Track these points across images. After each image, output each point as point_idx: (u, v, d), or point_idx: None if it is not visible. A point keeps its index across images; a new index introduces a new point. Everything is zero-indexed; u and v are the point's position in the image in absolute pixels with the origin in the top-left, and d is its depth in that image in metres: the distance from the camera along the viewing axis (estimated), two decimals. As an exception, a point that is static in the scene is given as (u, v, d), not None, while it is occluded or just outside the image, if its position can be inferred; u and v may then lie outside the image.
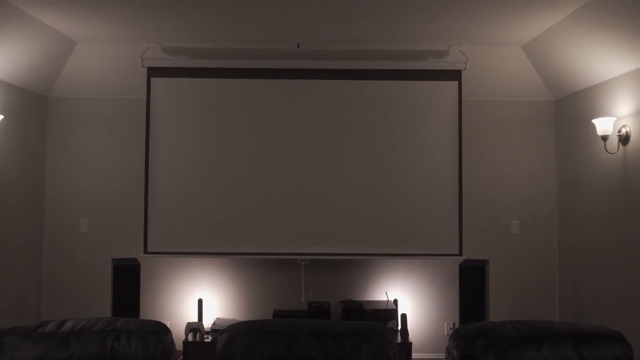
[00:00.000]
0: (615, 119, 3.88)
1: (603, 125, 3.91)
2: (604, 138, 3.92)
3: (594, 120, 3.99)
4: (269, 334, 1.88)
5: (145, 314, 4.67)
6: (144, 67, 4.56)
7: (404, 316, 4.42)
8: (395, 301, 4.67)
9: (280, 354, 1.85)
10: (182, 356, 4.39)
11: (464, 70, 4.57)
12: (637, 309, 3.67)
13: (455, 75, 4.60)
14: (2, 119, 4.02)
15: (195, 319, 4.65)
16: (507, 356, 1.87)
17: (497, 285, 4.73)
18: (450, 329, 4.79)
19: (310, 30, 4.22)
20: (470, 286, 4.35)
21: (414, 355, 4.37)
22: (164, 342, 1.82)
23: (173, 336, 4.71)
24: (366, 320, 2.20)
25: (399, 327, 4.43)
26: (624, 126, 3.81)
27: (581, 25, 3.78)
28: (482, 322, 2.04)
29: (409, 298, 4.81)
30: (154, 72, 4.60)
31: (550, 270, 4.82)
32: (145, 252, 4.57)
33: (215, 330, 4.44)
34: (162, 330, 1.85)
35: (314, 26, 4.12)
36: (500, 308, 4.69)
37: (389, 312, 4.49)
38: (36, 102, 4.70)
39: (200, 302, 4.57)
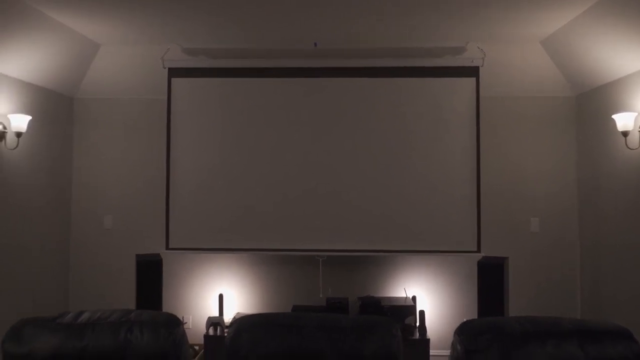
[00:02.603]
0: (636, 114, 3.81)
1: (623, 121, 3.84)
2: (625, 134, 3.85)
3: (614, 116, 3.92)
4: (276, 327, 1.93)
5: (168, 308, 4.79)
6: (165, 68, 4.67)
7: (422, 313, 4.43)
8: (414, 298, 4.68)
9: (287, 346, 1.90)
10: (202, 350, 4.49)
11: (482, 66, 4.54)
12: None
13: (472, 71, 4.58)
14: (30, 120, 4.17)
15: (216, 313, 4.74)
16: (511, 352, 1.88)
17: (516, 282, 4.70)
18: (469, 326, 4.76)
19: (327, 30, 4.26)
20: (489, 283, 4.34)
21: (431, 351, 4.37)
22: (175, 333, 1.88)
23: (194, 330, 4.81)
24: (377, 315, 2.24)
25: (417, 324, 4.44)
26: (645, 121, 3.74)
27: (600, 19, 3.72)
28: (487, 318, 2.06)
29: (428, 295, 4.81)
30: (174, 72, 4.70)
31: (572, 268, 4.76)
32: (167, 248, 4.69)
33: (235, 325, 4.51)
34: (173, 322, 1.91)
35: (330, 25, 4.15)
36: (519, 306, 4.65)
37: (407, 308, 4.49)
38: (63, 103, 4.86)
39: (220, 297, 4.66)
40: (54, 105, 4.70)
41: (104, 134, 5.01)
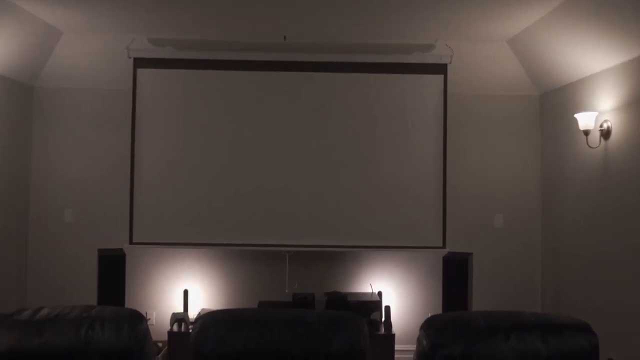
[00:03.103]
0: (597, 113, 3.92)
1: (585, 120, 3.95)
2: (586, 133, 3.96)
3: (576, 115, 4.02)
4: (243, 323, 1.90)
5: (131, 305, 4.68)
6: (130, 58, 4.56)
7: (387, 308, 4.47)
8: (380, 293, 4.71)
9: (253, 342, 1.88)
10: (166, 346, 4.42)
11: (450, 64, 4.60)
12: (612, 302, 3.73)
13: (440, 69, 4.63)
14: (-13, 109, 4.01)
15: (180, 309, 4.67)
16: (476, 345, 1.91)
17: (480, 277, 4.78)
18: (434, 320, 4.83)
19: (297, 23, 4.23)
20: (454, 278, 4.41)
21: (397, 346, 4.41)
22: (138, 330, 1.83)
23: (158, 326, 4.73)
24: (344, 311, 2.24)
25: (383, 319, 4.48)
26: (605, 121, 3.85)
27: (564, 21, 3.81)
28: (452, 312, 2.08)
29: (394, 290, 4.85)
30: (140, 62, 4.60)
31: (534, 263, 4.88)
32: (131, 242, 4.59)
33: (200, 321, 4.46)
34: (136, 318, 1.86)
35: (300, 19, 4.13)
36: (483, 301, 4.74)
37: (373, 303, 4.52)
38: (22, 91, 4.69)
39: (185, 292, 4.60)
40: (11, 94, 4.53)
41: (65, 124, 4.86)
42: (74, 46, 4.60)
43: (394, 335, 4.37)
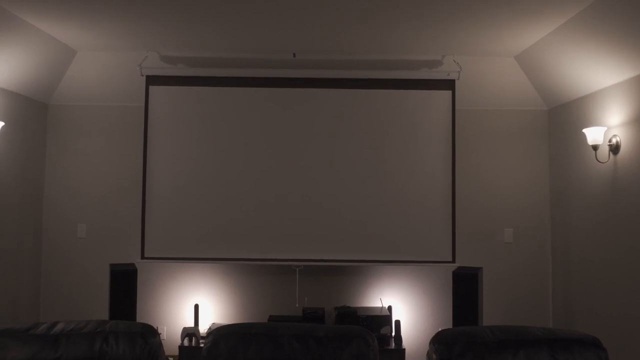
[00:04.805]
0: (605, 128, 3.93)
1: (593, 135, 3.96)
2: (595, 148, 3.97)
3: (584, 130, 4.04)
4: (253, 337, 1.93)
5: (142, 319, 4.73)
6: (142, 76, 4.64)
7: (397, 322, 4.46)
8: (390, 308, 4.71)
9: (264, 356, 1.91)
10: (177, 361, 4.44)
11: (458, 79, 4.63)
12: (623, 317, 3.70)
13: (448, 84, 4.67)
14: (3, 126, 4.10)
15: (191, 324, 4.70)
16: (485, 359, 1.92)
17: (490, 292, 4.77)
18: (444, 335, 4.81)
19: (306, 40, 4.30)
20: (464, 293, 4.39)
21: (407, 361, 4.41)
22: (151, 344, 1.87)
23: (169, 341, 4.75)
24: (350, 325, 2.24)
25: (393, 334, 4.47)
26: (614, 136, 3.86)
27: (572, 36, 3.84)
28: (461, 327, 2.09)
29: (403, 305, 4.85)
30: (152, 80, 4.68)
31: (544, 278, 4.86)
32: (143, 257, 4.64)
33: (210, 335, 4.48)
34: (149, 333, 1.90)
35: (309, 36, 4.20)
36: (493, 315, 4.73)
37: (382, 318, 4.52)
38: (37, 109, 4.79)
39: (196, 307, 4.63)
40: (27, 112, 4.63)
41: (79, 141, 4.95)
42: (87, 64, 4.70)
43: (404, 350, 4.36)
